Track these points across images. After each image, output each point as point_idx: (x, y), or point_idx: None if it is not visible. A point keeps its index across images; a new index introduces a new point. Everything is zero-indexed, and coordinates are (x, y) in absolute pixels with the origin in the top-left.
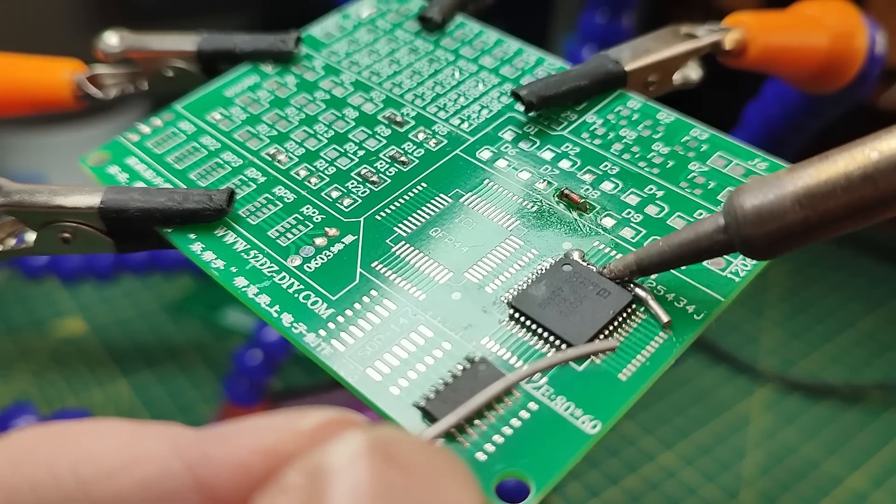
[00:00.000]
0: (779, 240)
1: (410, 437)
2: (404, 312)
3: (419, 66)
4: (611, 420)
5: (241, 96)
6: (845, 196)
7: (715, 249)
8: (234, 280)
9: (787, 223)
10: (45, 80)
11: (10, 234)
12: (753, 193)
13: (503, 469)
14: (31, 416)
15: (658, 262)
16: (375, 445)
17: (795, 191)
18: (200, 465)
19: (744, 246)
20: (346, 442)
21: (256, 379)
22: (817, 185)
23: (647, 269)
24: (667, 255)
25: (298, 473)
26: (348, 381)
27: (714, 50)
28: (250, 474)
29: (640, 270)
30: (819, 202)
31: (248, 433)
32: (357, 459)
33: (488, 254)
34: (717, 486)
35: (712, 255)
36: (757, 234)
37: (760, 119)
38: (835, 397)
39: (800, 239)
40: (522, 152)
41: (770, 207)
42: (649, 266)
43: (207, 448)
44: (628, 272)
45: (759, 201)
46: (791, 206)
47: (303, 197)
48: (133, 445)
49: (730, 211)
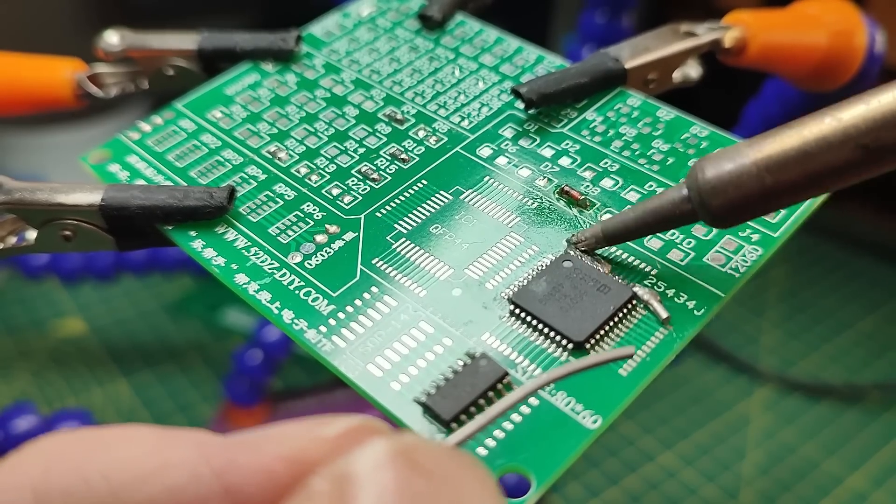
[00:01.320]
0: (738, 208)
1: (433, 443)
2: (405, 309)
3: (419, 64)
4: (611, 415)
5: (241, 94)
6: (803, 163)
7: (678, 217)
8: (234, 277)
9: (747, 191)
10: (46, 79)
11: (11, 232)
12: (714, 162)
13: (504, 464)
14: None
15: (623, 230)
16: (400, 452)
17: (756, 159)
18: (228, 472)
19: (706, 213)
20: (371, 449)
21: (256, 379)
22: (777, 153)
23: (613, 237)
24: (631, 224)
25: (324, 480)
26: (349, 377)
27: (714, 48)
28: (277, 481)
29: (606, 239)
30: (778, 170)
31: (275, 440)
32: (382, 466)
33: (489, 250)
34: (717, 486)
35: (676, 225)
36: (718, 203)
37: (760, 117)
38: (834, 397)
39: (759, 206)
40: (523, 149)
41: (729, 174)
42: (614, 234)
43: (234, 455)
44: (594, 240)
45: (719, 170)
46: (751, 175)
47: (303, 194)
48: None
49: (692, 179)
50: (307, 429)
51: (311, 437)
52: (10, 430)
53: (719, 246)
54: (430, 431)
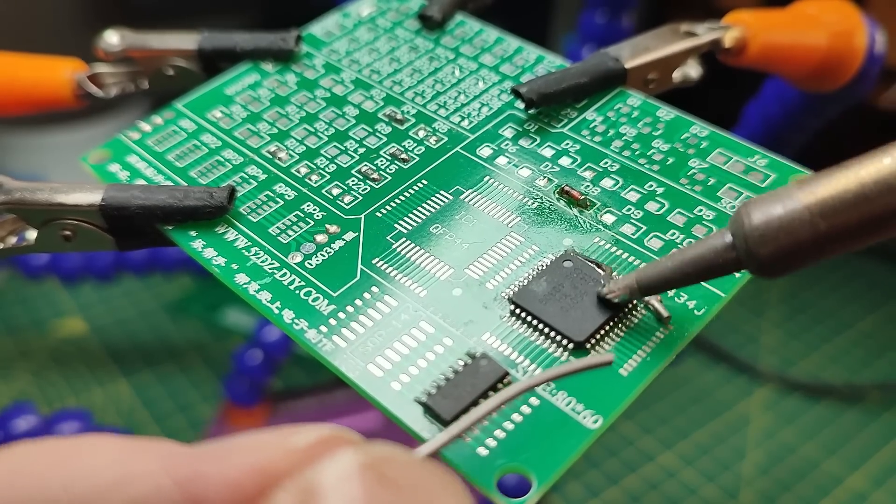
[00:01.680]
0: (789, 255)
1: (403, 454)
2: (405, 308)
3: (419, 64)
4: (612, 415)
5: (241, 94)
6: (861, 208)
7: (721, 267)
8: (235, 277)
9: (800, 239)
10: (46, 79)
11: (11, 232)
12: (762, 206)
13: (505, 464)
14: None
15: (659, 282)
16: (367, 464)
17: (808, 204)
18: (192, 484)
19: (752, 262)
20: (338, 461)
21: (256, 379)
22: (831, 197)
23: (648, 289)
24: (668, 275)
25: (289, 494)
26: (350, 377)
27: (714, 48)
28: (242, 493)
29: (641, 291)
30: (833, 215)
31: (241, 451)
32: (348, 479)
33: (489, 250)
34: (717, 486)
35: (718, 274)
36: (769, 252)
37: (760, 117)
38: (834, 397)
39: (811, 254)
40: (523, 149)
41: (780, 220)
42: (650, 286)
43: (199, 466)
44: (627, 292)
45: (768, 214)
46: (803, 221)
47: (303, 194)
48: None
49: (739, 227)
50: (275, 439)
51: (278, 447)
52: (10, 430)
53: None
54: (431, 431)
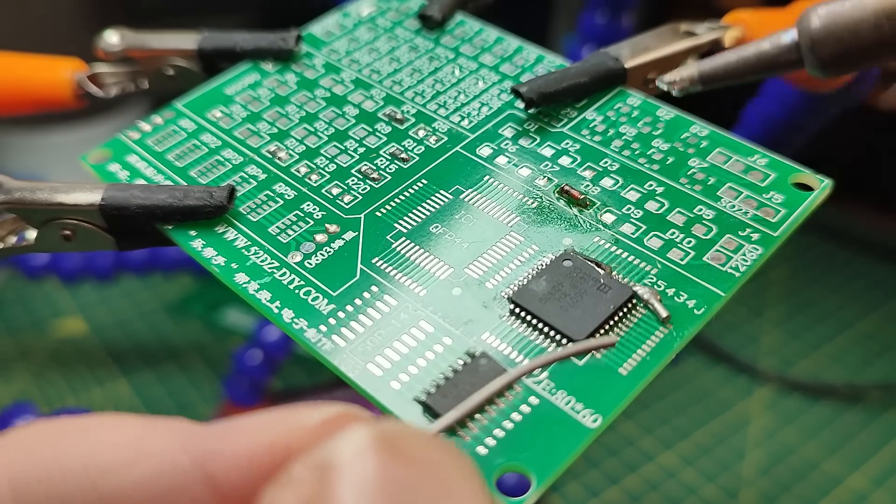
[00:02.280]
0: (851, 54)
1: (416, 430)
2: (405, 308)
3: (419, 63)
4: (611, 414)
5: (241, 94)
6: None
7: (783, 62)
8: (234, 276)
9: (861, 38)
10: (46, 79)
11: (11, 232)
12: (829, 7)
13: (504, 463)
14: (31, 416)
15: (722, 72)
16: (381, 439)
17: (874, 7)
18: (209, 460)
19: (814, 58)
20: (352, 436)
21: (256, 379)
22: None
23: (711, 78)
24: (731, 66)
25: (305, 467)
26: (349, 377)
27: (714, 48)
28: (258, 469)
29: (702, 80)
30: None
31: (256, 428)
32: (363, 453)
33: (489, 250)
34: (717, 486)
35: (779, 71)
36: (829, 48)
37: (760, 118)
38: (835, 397)
39: (870, 56)
40: (522, 149)
41: (845, 22)
42: (713, 75)
43: (215, 443)
44: (688, 81)
45: (834, 16)
46: (867, 22)
47: (303, 194)
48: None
49: (804, 23)
50: (289, 416)
51: (292, 424)
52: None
53: (719, 245)
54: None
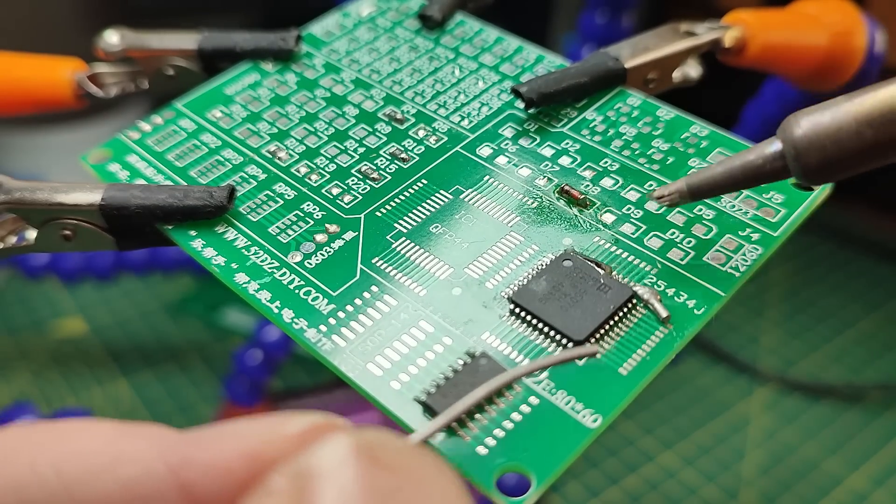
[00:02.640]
0: (835, 164)
1: (396, 439)
2: (405, 308)
3: (419, 63)
4: (611, 414)
5: (241, 94)
6: None
7: (768, 174)
8: (234, 276)
9: (846, 148)
10: (46, 79)
11: (11, 232)
12: (810, 117)
13: (504, 463)
14: (31, 416)
15: (709, 185)
16: (361, 448)
17: (855, 113)
18: (183, 468)
19: (799, 169)
20: (333, 445)
21: (256, 379)
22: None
23: (699, 192)
24: (718, 179)
25: (284, 477)
26: (349, 377)
27: (714, 48)
28: (234, 478)
29: (691, 194)
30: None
31: (233, 437)
32: (343, 462)
33: (489, 250)
34: (717, 486)
35: (765, 181)
36: (813, 158)
37: (760, 117)
38: (835, 397)
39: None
40: (522, 149)
41: (827, 130)
42: (700, 190)
43: (191, 451)
44: (678, 196)
45: (816, 122)
46: (849, 128)
47: (303, 194)
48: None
49: (786, 133)
50: (267, 425)
51: (271, 433)
52: None
53: (719, 245)
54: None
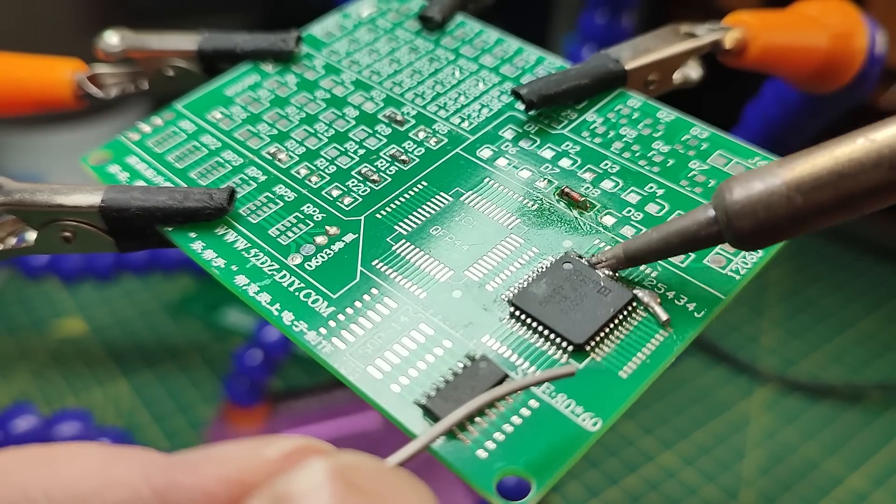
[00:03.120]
0: (767, 230)
1: (372, 462)
2: (405, 310)
3: (419, 65)
4: (611, 417)
5: (241, 95)
6: (836, 186)
7: (704, 240)
8: (234, 278)
9: (776, 214)
10: (46, 80)
11: (11, 234)
12: (743, 184)
13: (504, 467)
14: (31, 416)
15: (645, 251)
16: (337, 472)
17: (786, 181)
18: (169, 492)
19: (733, 236)
20: (309, 470)
21: (256, 379)
22: (808, 175)
23: (635, 258)
24: (654, 246)
25: (262, 501)
26: (349, 380)
27: (714, 49)
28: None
29: (628, 260)
30: (809, 193)
31: (215, 461)
32: (319, 486)
33: (489, 252)
34: (717, 486)
35: (701, 246)
36: (746, 225)
37: (760, 119)
38: (835, 397)
39: (788, 230)
40: (523, 151)
41: (759, 198)
42: (636, 255)
43: (176, 475)
44: (616, 261)
45: (748, 192)
46: (781, 197)
47: (303, 195)
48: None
49: (719, 201)
50: (249, 449)
51: (252, 457)
52: (10, 430)
53: (720, 248)
54: None
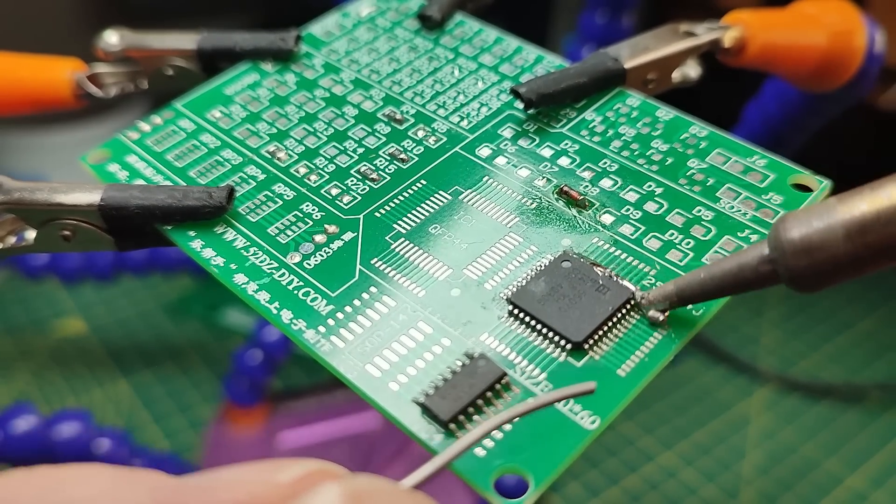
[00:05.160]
0: (826, 272)
1: (387, 485)
2: (404, 309)
3: (419, 64)
4: (609, 416)
5: (240, 94)
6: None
7: (759, 281)
8: (233, 277)
9: (836, 256)
10: (46, 79)
11: (11, 232)
12: (801, 223)
13: (502, 464)
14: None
15: (700, 292)
16: (351, 496)
17: (846, 221)
18: None
19: (790, 278)
20: (323, 494)
21: (256, 379)
22: (871, 216)
23: (688, 299)
24: (708, 286)
25: None
26: (348, 378)
27: (713, 48)
28: None
29: (681, 301)
30: (872, 235)
31: (227, 485)
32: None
33: (487, 250)
34: (717, 486)
35: (756, 287)
36: (804, 266)
37: (760, 117)
38: (835, 397)
39: (849, 272)
40: (522, 149)
41: (819, 239)
42: (690, 296)
43: (186, 499)
44: (668, 302)
45: (806, 232)
46: (842, 239)
47: (302, 194)
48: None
49: (776, 240)
50: (261, 473)
51: (264, 482)
52: (10, 430)
53: (718, 246)
54: (429, 432)
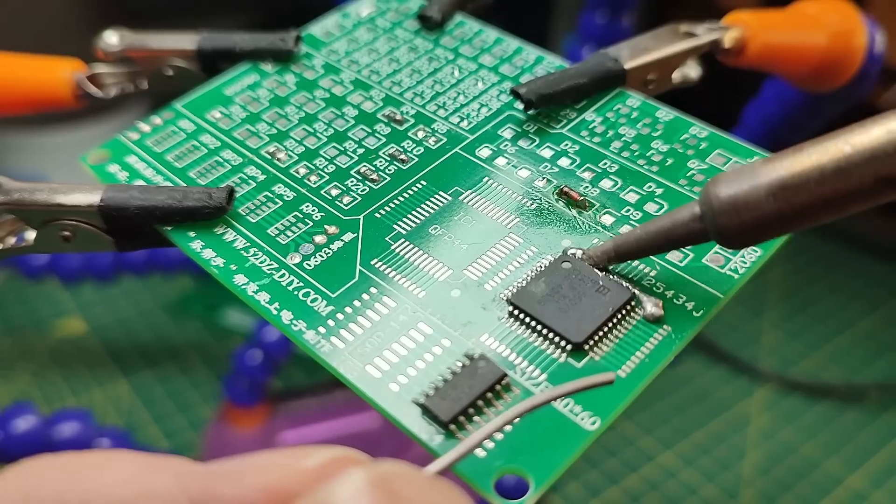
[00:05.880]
0: (752, 229)
1: (412, 471)
2: (404, 309)
3: (419, 64)
4: (610, 417)
5: (240, 95)
6: (818, 189)
7: (690, 237)
8: (233, 278)
9: (760, 214)
10: (45, 80)
11: (10, 233)
12: (729, 183)
13: (502, 465)
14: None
15: (635, 248)
16: (377, 482)
17: (770, 182)
18: (205, 502)
19: (718, 235)
20: (349, 479)
21: (256, 379)
22: (791, 176)
23: (625, 255)
24: (643, 242)
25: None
26: (348, 379)
27: (713, 48)
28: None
29: (618, 256)
30: (793, 194)
31: (253, 471)
32: (359, 496)
33: (488, 251)
34: (717, 486)
35: (688, 244)
36: (731, 224)
37: (760, 118)
38: (835, 397)
39: (773, 229)
40: (522, 150)
41: (745, 198)
42: (626, 252)
43: (213, 485)
44: (606, 258)
45: (733, 191)
46: (765, 198)
47: (302, 195)
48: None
49: (705, 200)
50: (287, 459)
51: (290, 467)
52: (10, 430)
53: (718, 247)
54: (429, 433)
